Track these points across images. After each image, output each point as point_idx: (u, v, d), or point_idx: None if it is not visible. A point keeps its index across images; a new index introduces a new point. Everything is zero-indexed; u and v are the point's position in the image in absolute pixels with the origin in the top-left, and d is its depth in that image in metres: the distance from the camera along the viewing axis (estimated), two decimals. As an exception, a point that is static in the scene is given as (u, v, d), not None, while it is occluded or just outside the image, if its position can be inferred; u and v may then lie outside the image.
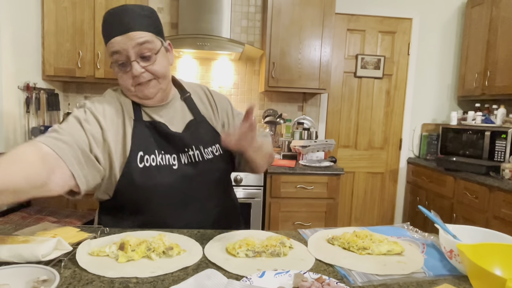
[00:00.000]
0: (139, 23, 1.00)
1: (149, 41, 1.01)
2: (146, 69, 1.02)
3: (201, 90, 1.24)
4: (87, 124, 0.98)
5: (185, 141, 1.10)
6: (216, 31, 2.85)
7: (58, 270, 0.79)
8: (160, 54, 1.05)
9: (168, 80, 1.12)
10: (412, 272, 0.85)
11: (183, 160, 1.10)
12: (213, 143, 1.16)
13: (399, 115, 3.56)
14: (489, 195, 2.48)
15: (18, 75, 2.46)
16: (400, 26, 3.45)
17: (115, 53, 1.00)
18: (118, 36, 0.99)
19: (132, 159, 1.02)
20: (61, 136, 0.91)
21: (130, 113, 1.08)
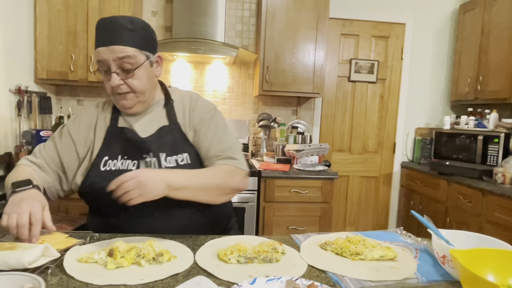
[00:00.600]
0: (123, 37, 1.03)
1: (130, 56, 1.04)
2: (125, 81, 1.06)
3: (188, 98, 1.21)
4: (60, 144, 1.15)
5: (145, 147, 1.10)
6: (210, 35, 2.84)
7: (45, 277, 0.77)
8: (142, 69, 1.07)
9: (149, 94, 1.13)
10: (405, 278, 0.85)
11: (142, 167, 1.09)
12: (180, 151, 1.12)
13: (393, 119, 3.57)
14: (482, 199, 2.49)
15: (9, 78, 2.43)
16: (394, 31, 3.47)
17: (98, 62, 1.06)
18: (101, 47, 1.03)
19: (96, 163, 1.11)
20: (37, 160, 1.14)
21: (107, 120, 1.17)
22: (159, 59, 1.14)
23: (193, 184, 1.00)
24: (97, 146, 1.13)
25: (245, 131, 3.19)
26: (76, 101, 3.08)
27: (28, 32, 2.62)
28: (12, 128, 2.50)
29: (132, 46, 1.04)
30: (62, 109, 2.99)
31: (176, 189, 0.96)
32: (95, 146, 1.13)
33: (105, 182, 1.05)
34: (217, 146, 1.14)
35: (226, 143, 1.15)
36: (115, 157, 1.10)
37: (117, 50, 1.02)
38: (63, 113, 2.80)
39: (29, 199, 0.92)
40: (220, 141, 1.15)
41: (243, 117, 3.31)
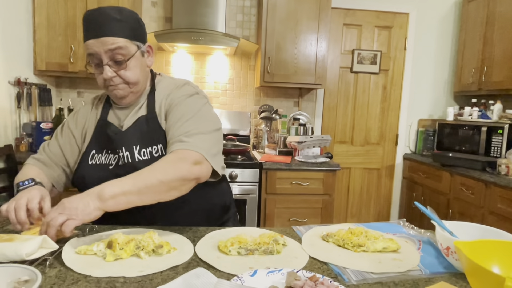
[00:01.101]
0: (113, 28, 1.00)
1: (121, 47, 1.02)
2: (118, 73, 1.04)
3: (173, 86, 1.14)
4: (62, 140, 1.19)
5: (119, 142, 1.08)
6: (211, 25, 2.81)
7: (43, 269, 0.77)
8: (134, 60, 1.05)
9: (142, 84, 1.11)
10: (408, 269, 0.83)
11: (120, 161, 1.08)
12: (154, 143, 1.07)
13: (396, 110, 3.54)
14: (485, 190, 2.47)
15: (8, 69, 2.42)
16: (397, 20, 3.42)
17: (89, 55, 1.03)
18: (92, 39, 1.00)
19: (85, 156, 1.12)
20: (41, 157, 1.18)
21: (98, 114, 1.17)
22: (149, 49, 1.12)
23: (128, 188, 0.87)
24: (87, 138, 1.15)
25: (246, 123, 3.17)
26: (76, 93, 3.07)
27: (27, 23, 2.60)
28: (12, 120, 2.49)
29: (122, 36, 1.01)
30: (62, 101, 2.98)
31: (111, 198, 0.85)
32: (85, 139, 1.16)
33: (91, 175, 1.06)
34: (175, 132, 1.02)
35: (184, 128, 1.02)
36: (100, 151, 1.12)
37: (108, 42, 0.99)
38: (63, 105, 2.78)
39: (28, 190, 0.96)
40: (180, 126, 1.02)
41: (245, 108, 3.28)
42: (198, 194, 1.09)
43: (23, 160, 2.35)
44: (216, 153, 1.05)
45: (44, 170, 1.15)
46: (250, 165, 2.53)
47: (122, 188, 0.87)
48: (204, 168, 0.98)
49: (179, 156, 0.96)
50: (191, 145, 0.98)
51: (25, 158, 2.33)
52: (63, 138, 1.19)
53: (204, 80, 3.20)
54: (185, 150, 0.97)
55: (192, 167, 0.95)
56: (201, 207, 1.14)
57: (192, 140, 0.99)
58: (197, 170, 0.96)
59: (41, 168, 1.15)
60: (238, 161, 2.54)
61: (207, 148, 1.00)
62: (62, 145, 1.18)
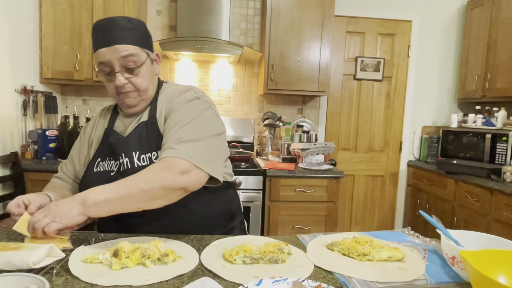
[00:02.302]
0: (125, 36, 1.04)
1: (133, 54, 1.04)
2: (129, 80, 1.06)
3: (177, 92, 1.13)
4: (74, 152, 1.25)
5: (119, 148, 1.09)
6: (215, 33, 2.83)
7: (50, 278, 0.77)
8: (145, 67, 1.08)
9: (150, 92, 1.13)
10: (414, 279, 0.83)
11: (121, 167, 1.09)
12: (154, 149, 1.07)
13: (399, 117, 3.54)
14: (490, 198, 2.45)
15: (15, 77, 2.45)
16: (400, 28, 3.44)
17: (100, 63, 1.05)
18: (103, 47, 1.03)
19: (91, 164, 1.15)
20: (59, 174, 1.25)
21: (105, 123, 1.19)
22: (157, 57, 1.16)
23: (112, 196, 0.90)
24: (94, 148, 1.18)
25: (250, 130, 3.18)
26: (82, 101, 3.09)
27: (34, 32, 2.64)
28: (18, 128, 2.51)
29: (134, 44, 1.04)
30: (68, 108, 3.00)
31: (93, 205, 0.88)
32: (92, 147, 1.19)
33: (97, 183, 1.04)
34: (169, 137, 1.00)
35: (177, 134, 0.99)
36: (104, 159, 1.14)
37: (120, 49, 1.02)
38: (69, 113, 2.80)
39: None
40: (176, 132, 1.00)
41: (248, 116, 3.29)
42: (200, 200, 1.09)
43: (29, 168, 2.37)
44: (214, 159, 1.02)
45: (62, 184, 1.22)
46: (253, 172, 2.53)
47: (105, 196, 0.90)
48: (192, 177, 0.95)
49: (165, 164, 0.94)
50: (179, 152, 0.95)
51: (31, 166, 2.37)
52: (75, 152, 1.25)
53: (208, 87, 3.22)
54: (173, 158, 0.94)
55: (177, 176, 0.92)
56: (203, 214, 1.13)
57: (182, 147, 0.96)
58: (182, 179, 0.93)
59: (59, 184, 1.22)
60: (241, 168, 2.55)
61: (197, 155, 0.97)
62: (74, 158, 1.24)
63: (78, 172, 1.22)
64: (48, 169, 2.38)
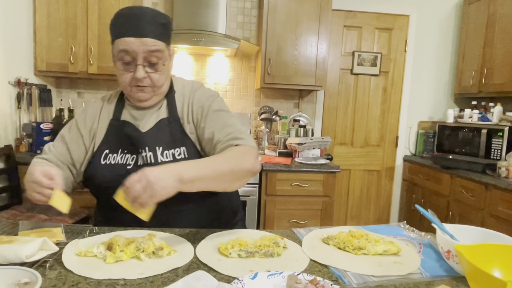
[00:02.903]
0: (156, 31, 1.01)
1: (160, 50, 1.03)
2: (149, 75, 1.04)
3: (189, 87, 1.17)
4: (69, 138, 1.14)
5: (141, 142, 1.07)
6: (212, 26, 2.81)
7: (43, 271, 0.76)
8: (167, 63, 1.07)
9: (164, 87, 1.11)
10: (409, 273, 0.83)
11: (140, 161, 1.07)
12: (177, 145, 1.08)
13: (396, 112, 3.54)
14: (485, 193, 2.47)
15: (8, 70, 2.42)
16: (397, 22, 3.43)
17: (123, 51, 1.01)
18: (131, 37, 0.99)
19: (97, 155, 1.10)
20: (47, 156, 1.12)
21: (110, 113, 1.14)
22: (172, 52, 1.13)
23: (206, 173, 0.90)
24: (98, 138, 1.12)
25: (246, 124, 3.17)
26: (77, 94, 3.07)
27: (27, 24, 2.60)
28: (12, 121, 2.49)
29: (163, 41, 1.03)
30: (62, 101, 2.97)
31: (189, 182, 0.86)
32: (97, 138, 1.13)
33: (105, 175, 1.04)
34: (221, 131, 1.06)
35: (229, 128, 1.07)
36: (115, 151, 1.09)
37: (149, 43, 0.99)
38: (63, 106, 2.78)
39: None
40: (224, 126, 1.07)
41: (245, 110, 3.28)
42: (213, 198, 1.10)
43: (23, 161, 2.35)
44: None
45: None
46: (250, 166, 2.53)
47: (200, 173, 0.89)
48: (259, 163, 1.04)
49: (245, 150, 1.00)
50: (249, 141, 1.04)
51: (25, 159, 2.35)
52: (71, 137, 1.15)
53: (204, 81, 3.20)
54: (247, 146, 1.02)
55: (256, 161, 1.01)
56: (216, 211, 1.15)
57: (247, 136, 1.06)
58: (258, 164, 1.02)
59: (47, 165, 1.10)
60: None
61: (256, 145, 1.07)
62: (69, 143, 1.14)
63: (75, 161, 1.13)
64: (42, 162, 2.35)
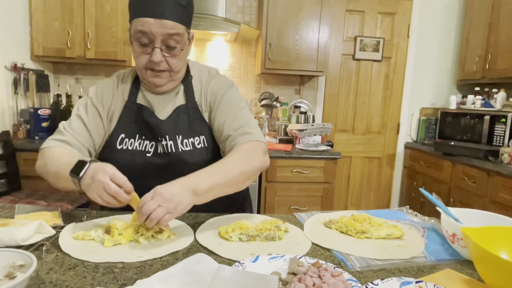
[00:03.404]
0: (176, 13, 0.96)
1: (180, 33, 0.98)
2: (166, 59, 1.00)
3: (206, 74, 1.14)
4: (87, 118, 1.06)
5: (161, 130, 1.04)
6: (211, 10, 2.75)
7: (39, 254, 0.75)
8: (185, 48, 1.02)
9: (181, 73, 1.08)
10: (413, 256, 0.82)
11: (160, 149, 1.05)
12: (197, 133, 1.06)
13: (398, 99, 3.50)
14: (487, 179, 2.45)
15: (4, 54, 2.37)
16: (401, 7, 3.36)
17: (140, 32, 0.96)
18: (150, 18, 0.94)
19: (113, 139, 1.06)
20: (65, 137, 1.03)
21: (125, 95, 1.09)
22: (191, 37, 1.08)
23: (218, 181, 0.87)
24: (114, 121, 1.07)
25: (246, 111, 3.13)
26: (74, 79, 3.02)
27: (23, 7, 2.54)
28: (9, 106, 2.46)
29: (183, 24, 0.98)
30: (60, 87, 2.94)
31: (203, 193, 0.84)
32: (112, 121, 1.07)
33: (122, 161, 1.01)
34: (231, 124, 1.04)
35: (240, 120, 1.04)
36: (132, 136, 1.05)
37: (168, 25, 0.95)
38: (61, 91, 2.74)
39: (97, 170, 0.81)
40: (235, 118, 1.05)
41: (245, 96, 3.24)
42: None
43: (21, 147, 2.33)
44: None
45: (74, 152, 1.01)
46: (250, 152, 2.51)
47: (213, 182, 0.87)
48: (268, 157, 1.04)
49: (253, 147, 0.99)
50: (257, 136, 1.02)
51: (23, 145, 2.33)
52: (89, 117, 1.06)
53: (204, 67, 3.15)
54: (255, 141, 1.01)
55: (264, 157, 1.01)
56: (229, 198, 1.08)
57: (255, 131, 1.03)
58: (267, 159, 1.02)
59: (67, 149, 1.01)
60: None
61: (264, 139, 1.05)
62: (88, 124, 1.06)
63: (96, 144, 1.07)
64: (41, 148, 2.33)
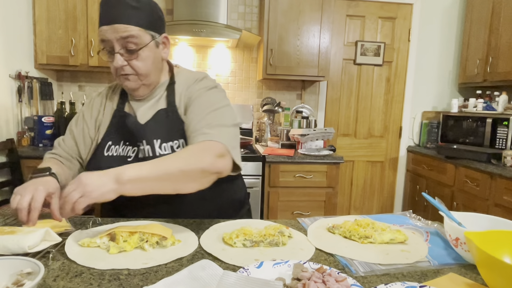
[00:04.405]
0: (127, 16, 0.97)
1: (134, 35, 0.98)
2: (129, 63, 1.01)
3: (192, 79, 1.12)
4: (76, 130, 1.15)
5: (140, 134, 1.05)
6: (213, 17, 2.77)
7: (46, 262, 0.76)
8: (146, 50, 1.01)
9: (154, 77, 1.07)
10: (416, 261, 0.82)
11: (140, 154, 1.05)
12: (176, 137, 1.05)
13: (399, 102, 3.51)
14: (490, 182, 2.45)
15: (9, 63, 2.40)
16: (401, 11, 3.38)
17: (101, 41, 1.01)
18: (105, 25, 0.98)
19: (101, 147, 1.09)
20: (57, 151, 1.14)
21: (114, 104, 1.14)
22: (166, 40, 1.08)
23: (147, 173, 0.83)
24: (103, 129, 1.11)
25: (249, 116, 3.15)
26: (78, 87, 3.05)
27: (27, 16, 2.57)
28: (13, 114, 2.48)
29: (136, 25, 0.97)
30: (64, 94, 2.96)
31: (128, 182, 0.81)
32: (101, 129, 1.12)
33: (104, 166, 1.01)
34: (196, 125, 1.00)
35: (205, 121, 0.99)
36: (117, 143, 1.08)
37: (120, 29, 0.96)
38: (65, 99, 2.76)
39: (36, 184, 0.87)
40: (201, 119, 1.00)
41: (247, 101, 3.26)
42: (217, 190, 1.07)
43: (25, 155, 2.35)
44: (235, 146, 1.02)
45: (65, 163, 1.12)
46: (253, 158, 2.52)
47: (141, 173, 0.83)
48: (226, 162, 0.94)
49: (203, 147, 0.92)
50: (214, 136, 0.95)
51: (27, 152, 2.34)
52: (77, 129, 1.15)
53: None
54: (209, 141, 0.94)
55: (215, 159, 0.91)
56: (216, 203, 1.12)
57: (214, 132, 0.96)
58: (220, 163, 0.92)
59: (61, 162, 1.11)
60: (241, 155, 2.52)
61: (228, 141, 0.97)
62: (76, 136, 1.14)
63: (82, 153, 1.14)
64: (45, 156, 2.35)
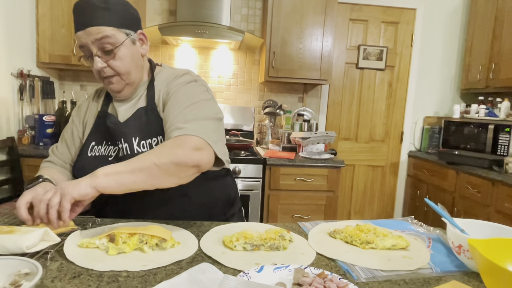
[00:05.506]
0: (98, 17, 0.97)
1: (108, 36, 0.98)
2: (108, 64, 1.01)
3: (172, 75, 1.11)
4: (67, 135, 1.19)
5: (119, 133, 1.06)
6: (216, 18, 2.77)
7: (44, 262, 0.75)
8: (123, 48, 1.01)
9: (135, 74, 1.07)
10: (419, 267, 0.81)
11: (120, 153, 1.06)
12: (154, 134, 1.05)
13: (401, 107, 3.50)
14: (491, 189, 2.44)
15: (11, 61, 2.40)
16: (404, 16, 3.38)
17: (79, 47, 1.02)
18: (80, 31, 0.99)
19: (85, 147, 1.11)
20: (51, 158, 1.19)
21: (98, 105, 1.16)
22: (142, 36, 1.08)
23: (123, 168, 0.85)
24: (87, 130, 1.15)
25: (250, 118, 3.14)
26: (79, 86, 3.05)
27: (30, 15, 2.57)
28: (14, 112, 2.47)
29: (108, 25, 0.98)
30: (65, 93, 2.96)
31: (103, 175, 0.83)
32: (85, 130, 1.15)
33: (86, 167, 1.03)
34: (172, 121, 0.98)
35: (181, 116, 0.97)
36: (100, 143, 1.10)
37: (93, 32, 0.97)
38: (66, 98, 2.76)
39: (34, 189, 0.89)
40: (177, 115, 0.98)
41: (248, 104, 3.25)
42: (198, 187, 1.06)
43: (26, 153, 2.34)
44: (217, 140, 0.99)
45: (60, 170, 1.15)
46: (253, 160, 2.51)
47: (115, 168, 0.85)
48: (205, 154, 0.91)
49: (178, 141, 0.90)
50: (189, 130, 0.92)
51: (28, 151, 2.34)
52: (68, 134, 1.19)
53: (208, 74, 3.17)
54: (184, 136, 0.91)
55: (190, 152, 0.88)
56: (202, 201, 1.11)
57: (190, 125, 0.94)
58: (196, 156, 0.89)
59: (55, 169, 1.14)
60: (241, 157, 2.52)
61: (207, 133, 0.94)
62: (67, 140, 1.18)
63: (73, 156, 1.17)
64: (45, 154, 2.34)
